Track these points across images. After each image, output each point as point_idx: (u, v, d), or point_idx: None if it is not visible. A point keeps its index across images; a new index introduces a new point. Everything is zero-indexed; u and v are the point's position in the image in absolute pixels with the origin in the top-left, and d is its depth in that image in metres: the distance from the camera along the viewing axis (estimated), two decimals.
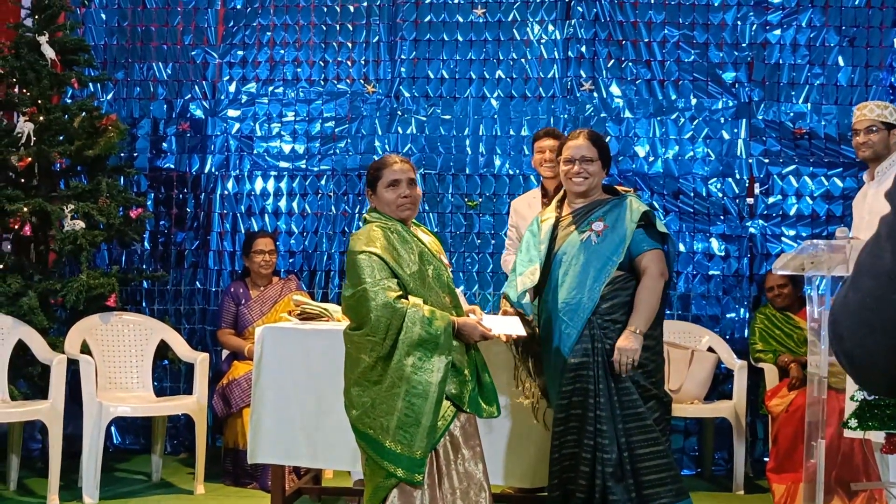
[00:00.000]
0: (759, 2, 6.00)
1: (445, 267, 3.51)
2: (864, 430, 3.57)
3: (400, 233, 3.37)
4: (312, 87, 6.24)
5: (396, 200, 3.38)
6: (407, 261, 3.31)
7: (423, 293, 3.32)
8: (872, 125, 4.25)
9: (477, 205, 6.08)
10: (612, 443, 3.64)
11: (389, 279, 3.25)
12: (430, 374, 3.21)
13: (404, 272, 3.29)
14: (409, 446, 3.18)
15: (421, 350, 3.21)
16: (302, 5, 6.26)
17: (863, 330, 1.05)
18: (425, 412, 3.18)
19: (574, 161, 3.80)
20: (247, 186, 6.23)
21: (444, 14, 6.14)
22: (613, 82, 6.04)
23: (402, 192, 3.38)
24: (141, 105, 6.34)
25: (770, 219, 5.93)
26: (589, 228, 3.78)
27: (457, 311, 3.45)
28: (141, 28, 6.37)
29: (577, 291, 3.72)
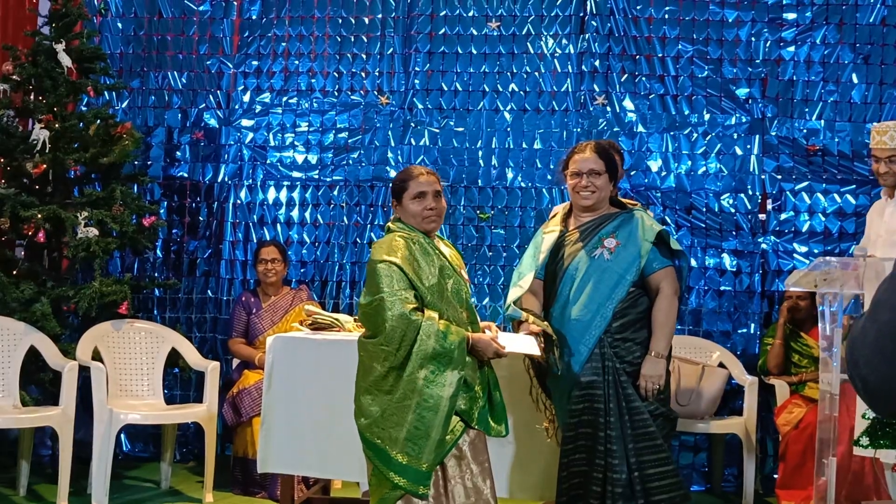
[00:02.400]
0: (774, 18, 6.00)
1: (465, 282, 3.49)
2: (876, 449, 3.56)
3: (422, 244, 3.36)
4: (326, 97, 6.27)
5: (422, 212, 3.37)
6: (427, 273, 3.31)
7: (441, 307, 3.31)
8: (893, 155, 4.21)
9: (489, 217, 6.09)
10: (621, 462, 3.62)
11: (407, 290, 3.25)
12: (442, 388, 3.21)
13: (422, 284, 3.28)
14: (417, 458, 3.19)
15: (434, 363, 3.22)
16: (317, 16, 6.29)
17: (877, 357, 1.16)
18: (435, 426, 3.19)
19: (581, 174, 3.79)
20: (259, 196, 6.25)
21: (459, 27, 6.16)
22: (627, 97, 6.05)
23: (428, 205, 3.38)
24: (156, 114, 6.38)
25: (782, 235, 5.92)
26: (601, 245, 3.74)
27: (473, 328, 3.43)
28: (157, 37, 6.41)
29: (587, 309, 3.70)
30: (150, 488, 5.39)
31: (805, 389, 5.17)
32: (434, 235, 3.49)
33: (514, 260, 6.01)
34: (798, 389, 5.22)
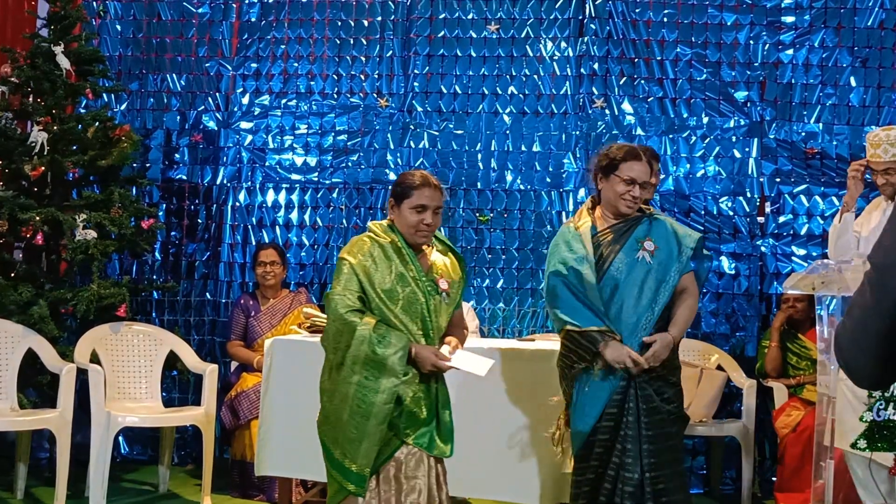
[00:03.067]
0: (772, 21, 6.01)
1: (434, 296, 3.30)
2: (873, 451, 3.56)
3: (385, 248, 3.28)
4: (325, 100, 6.27)
5: (417, 225, 3.28)
6: (380, 277, 3.23)
7: (390, 313, 3.22)
8: (889, 167, 4.21)
9: (488, 220, 6.09)
10: (635, 463, 3.60)
11: (353, 291, 3.20)
12: (375, 394, 3.15)
13: (372, 288, 3.22)
14: (353, 461, 3.17)
15: (368, 370, 3.16)
16: (316, 19, 6.29)
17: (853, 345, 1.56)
18: (367, 433, 3.15)
19: (635, 184, 3.71)
20: (258, 198, 6.26)
21: (458, 30, 6.17)
22: (625, 100, 6.06)
23: (426, 220, 3.28)
24: (154, 116, 6.38)
25: (781, 238, 5.92)
26: (641, 248, 3.71)
27: (427, 341, 3.30)
28: (156, 40, 6.42)
29: (633, 311, 3.65)
30: (148, 491, 5.38)
31: (803, 392, 5.17)
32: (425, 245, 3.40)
33: (514, 262, 6.03)
34: (796, 392, 5.21)
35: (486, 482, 4.11)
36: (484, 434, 4.09)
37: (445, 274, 3.36)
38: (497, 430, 4.13)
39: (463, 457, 4.00)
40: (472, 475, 4.05)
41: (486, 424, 4.11)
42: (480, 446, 4.07)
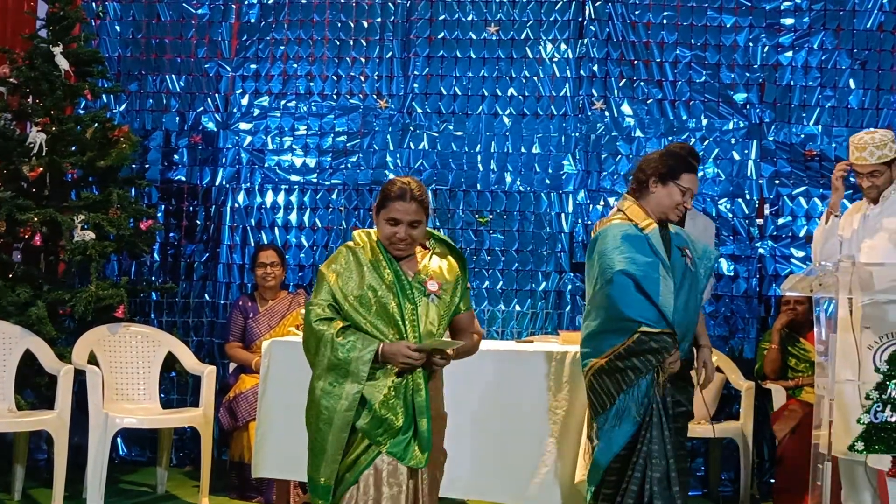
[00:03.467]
0: (772, 24, 6.01)
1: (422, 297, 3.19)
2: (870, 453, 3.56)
3: (359, 254, 3.20)
4: (325, 101, 6.27)
5: (391, 237, 3.18)
6: (353, 284, 3.15)
7: (361, 319, 3.13)
8: (875, 170, 4.22)
9: (488, 221, 6.09)
10: (660, 450, 3.60)
11: (324, 300, 3.14)
12: (338, 401, 3.07)
13: (344, 295, 3.14)
14: (317, 471, 3.10)
15: (332, 375, 3.09)
16: (316, 20, 6.29)
17: None
18: (329, 441, 3.07)
19: (690, 194, 3.71)
20: (257, 200, 6.25)
21: (458, 31, 6.16)
22: (625, 102, 6.05)
23: (399, 234, 3.16)
24: (153, 117, 6.38)
25: (779, 240, 5.92)
26: (683, 254, 3.72)
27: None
28: (155, 40, 6.41)
29: (686, 315, 3.65)
30: (145, 493, 5.38)
31: (802, 394, 5.16)
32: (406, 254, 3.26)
33: (513, 264, 6.02)
34: (795, 394, 5.21)
35: (483, 484, 4.11)
36: (482, 435, 4.09)
37: (438, 276, 3.23)
38: (495, 432, 4.13)
39: (460, 458, 4.01)
40: (469, 477, 4.05)
41: (483, 426, 4.11)
42: (478, 448, 4.07)
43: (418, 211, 3.17)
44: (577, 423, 4.06)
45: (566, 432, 4.05)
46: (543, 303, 5.98)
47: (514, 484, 4.09)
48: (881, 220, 4.26)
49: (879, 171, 4.22)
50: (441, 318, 3.21)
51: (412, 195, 3.17)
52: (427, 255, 3.29)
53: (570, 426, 4.06)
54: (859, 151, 4.22)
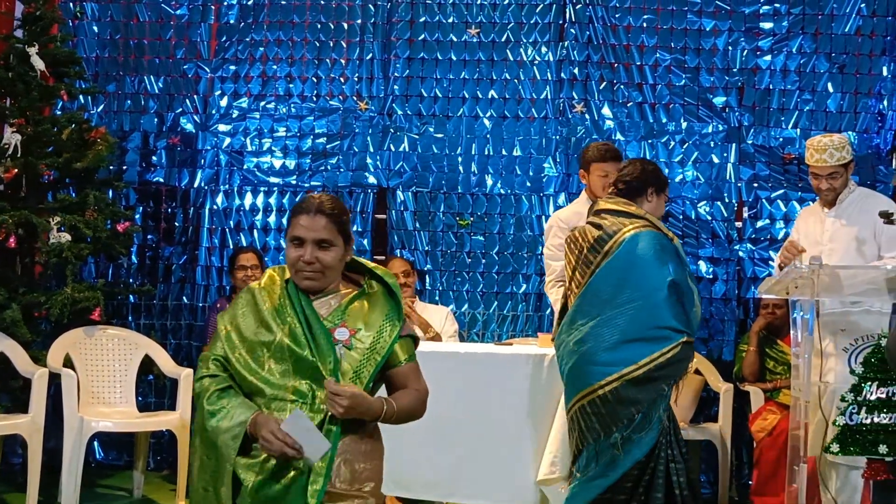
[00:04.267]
0: (751, 28, 6.03)
1: (325, 350, 2.52)
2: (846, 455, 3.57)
3: (257, 293, 2.65)
4: (305, 102, 6.25)
5: (296, 263, 2.58)
6: (246, 328, 2.60)
7: (255, 370, 2.54)
8: (834, 172, 4.22)
9: (468, 224, 6.08)
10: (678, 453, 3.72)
11: (213, 354, 2.60)
12: (214, 481, 2.50)
13: (236, 343, 2.59)
14: None
15: (205, 448, 2.54)
16: (296, 21, 6.26)
17: None
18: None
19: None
20: (236, 202, 6.22)
21: (438, 33, 6.16)
22: (605, 104, 6.06)
23: (305, 256, 2.56)
24: (131, 118, 6.34)
25: (758, 243, 5.94)
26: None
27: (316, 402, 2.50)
28: (133, 41, 6.37)
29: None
30: (122, 497, 5.34)
31: (780, 396, 5.18)
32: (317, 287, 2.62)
33: (494, 266, 6.02)
34: (773, 396, 5.23)
35: (461, 486, 4.10)
36: (460, 438, 4.08)
37: (355, 319, 2.58)
38: (473, 434, 4.12)
39: (439, 461, 4.00)
40: (447, 479, 4.04)
41: (462, 428, 4.10)
42: (456, 450, 4.06)
43: (329, 228, 2.56)
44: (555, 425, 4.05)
45: (544, 435, 4.04)
46: (524, 305, 5.98)
47: (492, 486, 4.09)
48: (840, 226, 4.26)
49: (838, 174, 4.24)
50: (359, 372, 2.53)
51: (319, 208, 2.57)
52: (352, 294, 2.65)
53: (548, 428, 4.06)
54: (819, 153, 4.21)
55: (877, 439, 3.56)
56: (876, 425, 3.58)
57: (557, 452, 3.94)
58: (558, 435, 3.97)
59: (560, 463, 3.92)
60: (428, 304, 5.58)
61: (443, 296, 6.04)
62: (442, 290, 6.05)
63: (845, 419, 3.59)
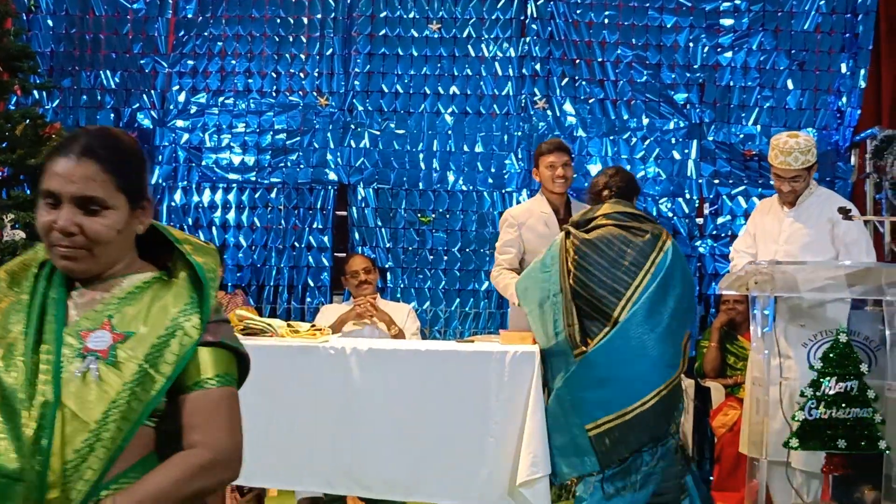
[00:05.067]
0: (711, 24, 6.06)
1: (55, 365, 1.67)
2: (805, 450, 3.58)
3: (15, 274, 1.84)
4: (264, 98, 6.18)
5: (48, 233, 1.76)
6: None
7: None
8: (797, 175, 4.22)
9: (430, 220, 6.05)
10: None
11: None
12: None
13: None
14: None
15: None
16: (255, 16, 6.19)
17: None
18: None
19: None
20: (195, 198, 6.14)
21: (400, 28, 6.12)
22: (567, 101, 6.06)
23: (59, 222, 1.73)
24: (87, 114, 6.23)
25: (719, 239, 5.97)
26: None
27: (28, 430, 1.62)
28: (89, 35, 6.27)
29: None
30: None
31: (740, 392, 5.20)
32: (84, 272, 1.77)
33: (456, 263, 5.99)
34: (733, 392, 5.25)
35: (423, 485, 4.06)
36: (421, 436, 4.04)
37: (136, 319, 1.73)
38: (435, 433, 4.08)
39: (400, 459, 3.96)
40: (409, 478, 4.00)
41: (423, 426, 4.06)
42: (418, 448, 4.02)
43: (101, 180, 1.72)
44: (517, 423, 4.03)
45: (506, 432, 4.01)
46: (486, 302, 5.96)
47: (454, 485, 4.04)
48: (798, 228, 4.27)
49: (801, 177, 4.24)
50: (112, 408, 1.65)
51: (87, 148, 1.72)
52: (141, 281, 1.79)
53: (511, 426, 4.03)
54: (784, 156, 4.19)
55: (836, 434, 3.59)
56: (835, 420, 3.60)
57: (537, 452, 3.91)
58: (536, 434, 3.94)
59: (541, 462, 3.89)
60: (389, 302, 5.54)
61: (404, 293, 6.01)
62: (404, 287, 6.02)
63: (804, 414, 3.61)
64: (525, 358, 3.94)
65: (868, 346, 4.12)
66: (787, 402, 3.79)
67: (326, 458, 3.95)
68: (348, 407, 3.95)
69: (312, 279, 6.06)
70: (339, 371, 3.96)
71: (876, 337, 4.07)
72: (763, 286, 3.77)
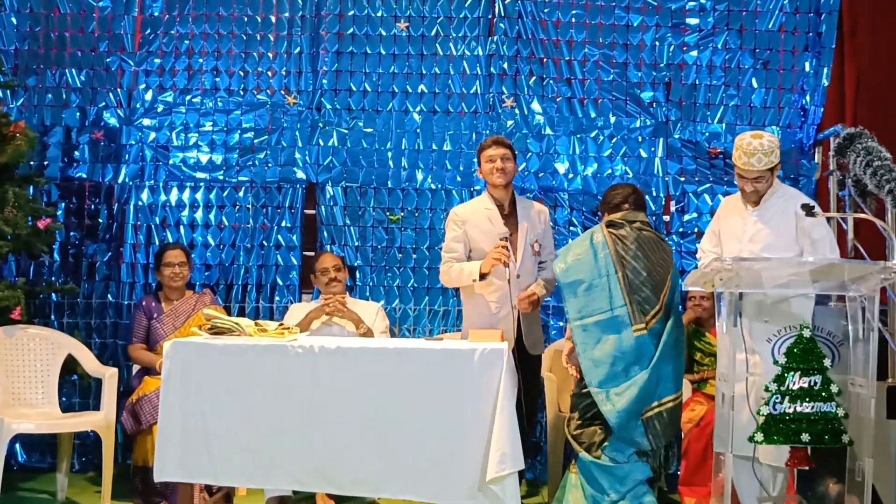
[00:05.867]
0: (677, 23, 6.11)
1: None
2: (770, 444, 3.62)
3: None
4: (231, 96, 6.15)
5: None
6: None
7: None
8: (760, 176, 4.25)
9: (399, 219, 6.05)
10: None
11: None
12: None
13: None
14: None
15: None
16: (222, 14, 6.16)
17: None
18: None
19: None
20: (162, 197, 6.11)
21: (367, 27, 6.11)
22: (535, 99, 6.08)
23: None
24: (53, 112, 6.17)
25: (685, 236, 6.02)
26: None
27: None
28: (54, 34, 6.20)
29: None
30: (45, 500, 5.21)
31: (707, 387, 5.25)
32: None
33: (424, 262, 6.00)
34: (700, 387, 5.30)
35: (391, 482, 4.06)
36: (389, 434, 4.04)
37: None
38: (403, 430, 4.08)
39: (368, 457, 3.97)
40: (377, 476, 4.01)
41: (391, 424, 4.06)
42: (386, 446, 4.02)
43: None
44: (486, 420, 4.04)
45: (475, 429, 4.02)
46: (455, 300, 5.97)
47: (423, 482, 4.05)
48: (761, 227, 4.30)
49: (764, 178, 4.26)
50: None
51: None
52: None
53: (480, 423, 4.04)
54: (748, 157, 4.20)
55: (799, 428, 3.64)
56: (799, 414, 3.65)
57: (505, 448, 3.92)
58: (504, 430, 3.95)
59: (509, 459, 3.90)
60: (358, 300, 5.53)
61: (373, 291, 6.01)
62: (373, 285, 6.02)
63: (769, 409, 3.65)
64: (493, 355, 3.96)
65: (831, 341, 4.17)
66: (753, 398, 3.83)
67: (295, 456, 3.95)
68: (317, 405, 3.95)
69: (281, 278, 6.04)
70: (308, 370, 3.96)
71: (839, 332, 4.12)
72: (728, 283, 3.81)
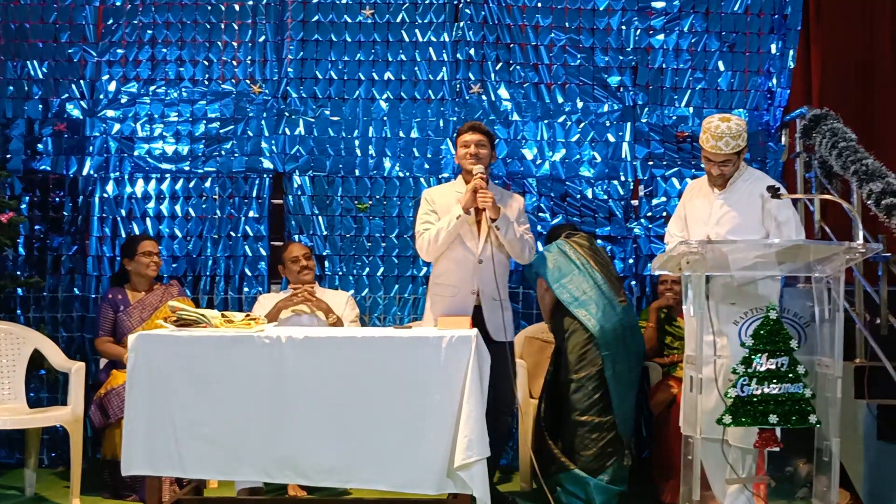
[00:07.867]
0: (643, 7, 6.10)
1: None
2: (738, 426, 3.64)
3: None
4: (196, 87, 6.09)
5: None
6: None
7: None
8: (727, 160, 4.26)
9: (367, 207, 6.03)
10: None
11: None
12: None
13: None
14: None
15: None
16: (185, 3, 6.09)
17: None
18: None
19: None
20: (127, 189, 6.04)
21: (332, 14, 6.07)
22: (502, 85, 6.07)
23: None
24: (14, 104, 6.08)
25: (654, 220, 6.03)
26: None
27: None
28: (14, 24, 6.11)
29: None
30: (13, 496, 5.15)
31: (677, 371, 5.27)
32: None
33: (394, 250, 5.98)
34: (670, 371, 5.32)
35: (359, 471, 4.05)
36: (357, 422, 4.03)
37: None
38: (371, 418, 4.07)
39: (336, 446, 3.95)
40: (346, 464, 3.99)
41: (359, 412, 4.05)
42: (354, 435, 4.01)
43: None
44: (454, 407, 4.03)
45: (442, 417, 4.02)
46: (424, 288, 5.94)
47: (392, 470, 4.04)
48: (727, 210, 4.31)
49: (731, 161, 4.27)
50: None
51: None
52: None
53: (448, 410, 4.03)
54: (715, 140, 4.21)
55: (767, 409, 3.65)
56: (766, 395, 3.66)
57: (472, 435, 3.92)
58: (471, 417, 3.95)
59: (476, 446, 3.90)
60: (328, 290, 5.50)
61: (343, 280, 5.98)
62: (342, 274, 6.00)
63: (737, 391, 3.67)
64: (461, 342, 3.95)
65: (798, 322, 4.20)
66: (721, 380, 3.84)
67: (263, 448, 3.93)
68: (284, 396, 3.93)
69: (249, 268, 6.00)
70: (275, 360, 3.94)
71: (805, 313, 4.14)
72: (695, 266, 3.82)
